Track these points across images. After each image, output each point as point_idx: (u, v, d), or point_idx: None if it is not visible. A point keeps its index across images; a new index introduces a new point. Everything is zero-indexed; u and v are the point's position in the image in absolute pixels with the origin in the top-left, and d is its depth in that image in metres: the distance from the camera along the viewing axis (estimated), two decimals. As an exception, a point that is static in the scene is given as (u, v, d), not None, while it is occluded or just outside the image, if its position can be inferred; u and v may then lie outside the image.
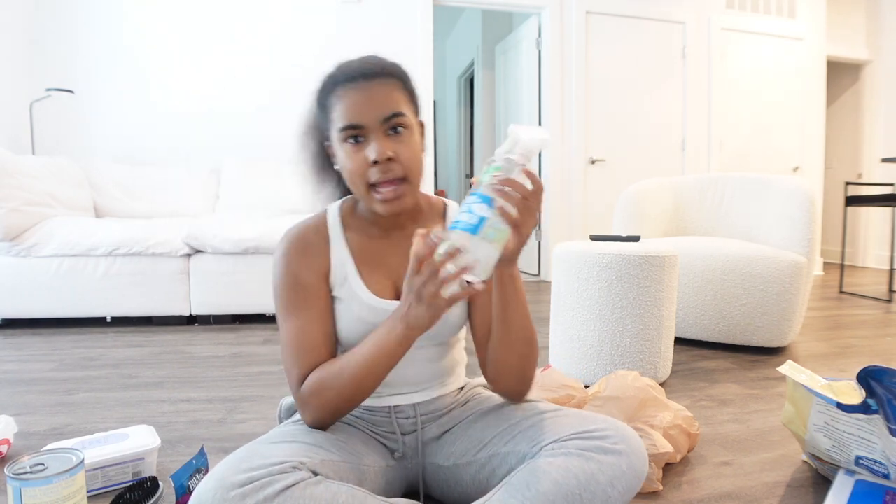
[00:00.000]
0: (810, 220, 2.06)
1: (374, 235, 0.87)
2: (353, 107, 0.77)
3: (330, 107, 0.79)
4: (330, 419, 0.79)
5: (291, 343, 0.79)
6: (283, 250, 0.83)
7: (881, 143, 4.86)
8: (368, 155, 0.76)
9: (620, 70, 4.02)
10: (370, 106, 0.76)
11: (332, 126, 0.80)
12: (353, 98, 0.77)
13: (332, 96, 0.79)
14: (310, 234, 0.85)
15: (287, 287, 0.81)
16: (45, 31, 3.22)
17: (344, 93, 0.77)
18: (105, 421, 1.36)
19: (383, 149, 0.76)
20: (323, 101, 0.81)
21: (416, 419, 0.89)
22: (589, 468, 0.70)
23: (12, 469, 0.76)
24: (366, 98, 0.77)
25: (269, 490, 0.62)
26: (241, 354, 2.02)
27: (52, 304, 2.44)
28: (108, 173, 3.06)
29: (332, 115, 0.79)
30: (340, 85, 0.78)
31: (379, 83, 0.78)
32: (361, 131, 0.77)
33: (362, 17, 3.58)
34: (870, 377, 0.87)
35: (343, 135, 0.77)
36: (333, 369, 0.76)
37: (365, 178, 0.77)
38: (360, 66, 0.79)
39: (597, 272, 1.61)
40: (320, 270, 0.83)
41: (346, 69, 0.79)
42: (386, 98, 0.77)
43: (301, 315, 0.80)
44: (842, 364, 1.90)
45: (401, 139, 0.78)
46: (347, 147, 0.78)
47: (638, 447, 0.75)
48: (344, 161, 0.79)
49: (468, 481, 0.84)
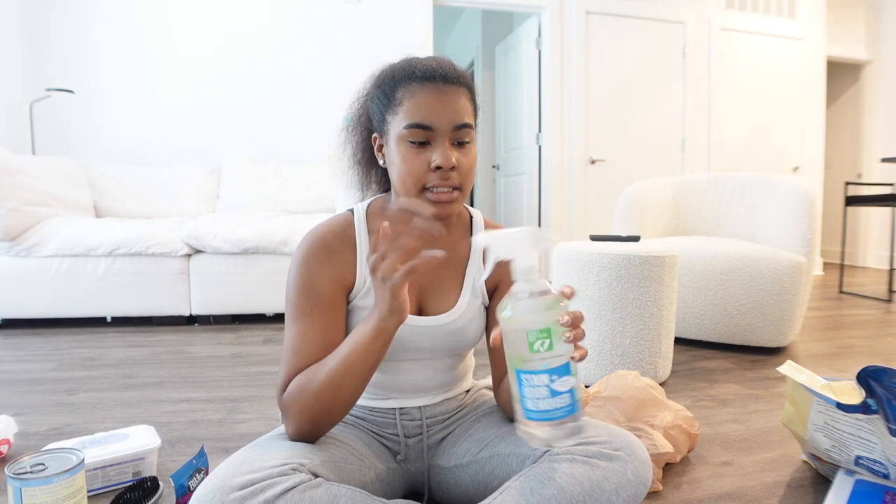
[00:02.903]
0: (810, 219, 2.06)
1: None
2: (426, 107, 0.73)
3: (397, 99, 0.75)
4: (310, 429, 0.73)
5: (290, 347, 0.76)
6: (302, 253, 0.79)
7: (881, 143, 4.86)
8: (433, 160, 0.73)
9: (620, 70, 4.02)
10: (445, 110, 0.73)
11: (393, 119, 0.76)
12: (428, 98, 0.73)
13: (403, 90, 0.75)
14: (334, 240, 0.80)
15: (300, 292, 0.77)
16: (45, 31, 3.22)
17: (419, 89, 0.74)
18: (105, 421, 1.36)
19: (449, 157, 0.73)
20: (389, 91, 0.76)
21: (422, 422, 0.89)
22: (594, 475, 0.69)
23: (12, 469, 0.76)
24: (441, 101, 0.74)
25: (268, 493, 0.62)
26: (241, 354, 2.02)
27: (52, 304, 2.44)
28: (108, 173, 3.06)
29: (398, 108, 0.75)
30: (416, 81, 0.74)
31: (455, 89, 0.75)
32: (429, 134, 0.74)
33: (362, 17, 3.58)
34: (869, 377, 0.87)
35: (408, 133, 0.74)
36: (312, 372, 0.72)
37: (421, 181, 0.74)
38: (438, 67, 0.76)
39: (597, 272, 1.61)
40: (340, 281, 0.79)
41: (421, 66, 0.75)
42: (460, 106, 0.75)
43: (308, 322, 0.76)
44: (842, 364, 1.90)
45: (464, 150, 0.76)
46: (408, 146, 0.74)
47: (642, 454, 0.74)
48: (399, 159, 0.75)
49: (468, 482, 0.84)
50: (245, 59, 3.45)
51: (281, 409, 0.74)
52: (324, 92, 3.51)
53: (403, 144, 0.75)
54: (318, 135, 3.48)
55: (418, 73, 0.74)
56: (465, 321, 0.84)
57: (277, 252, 2.57)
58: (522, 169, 4.23)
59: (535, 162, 4.05)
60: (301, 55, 3.51)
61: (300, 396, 0.71)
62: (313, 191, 3.21)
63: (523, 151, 4.20)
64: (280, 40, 3.49)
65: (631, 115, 4.06)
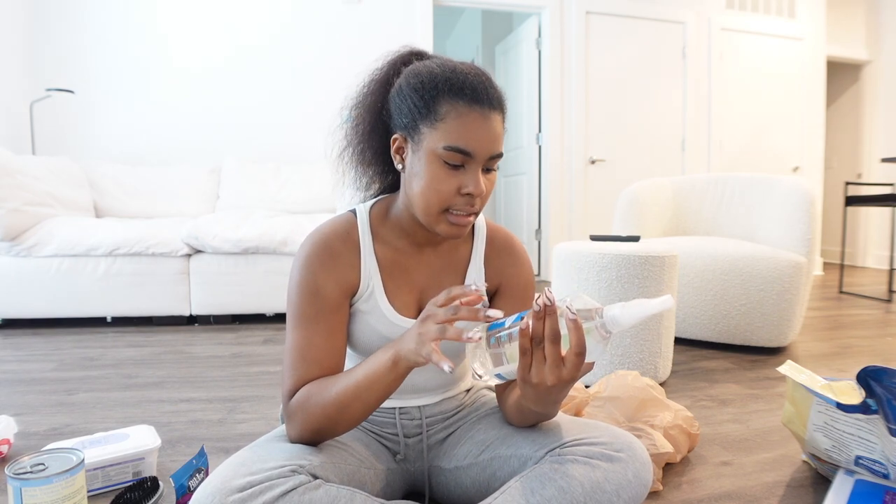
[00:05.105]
0: (810, 219, 2.06)
1: (403, 249, 0.83)
2: (471, 132, 0.70)
3: (439, 113, 0.71)
4: (312, 438, 0.73)
5: (295, 352, 0.74)
6: (305, 255, 0.77)
7: (881, 143, 4.86)
8: (465, 184, 0.72)
9: (620, 70, 4.02)
10: (486, 139, 0.71)
11: (429, 132, 0.72)
12: (475, 122, 0.70)
13: (448, 104, 0.71)
14: (338, 242, 0.79)
15: (304, 296, 0.75)
16: (45, 31, 3.22)
17: (466, 110, 0.70)
18: (105, 421, 1.36)
19: (481, 186, 0.72)
20: (430, 100, 0.72)
21: (422, 421, 0.89)
22: (595, 476, 0.69)
23: (12, 469, 0.76)
24: (485, 129, 0.71)
25: (267, 495, 0.62)
26: (241, 354, 2.02)
27: (52, 304, 2.44)
28: (108, 173, 3.06)
29: (438, 123, 0.71)
30: (464, 100, 0.71)
31: (496, 116, 0.73)
32: (466, 160, 0.71)
33: (362, 17, 3.58)
34: (869, 377, 0.87)
35: (446, 154, 0.71)
36: (324, 384, 0.71)
37: (445, 202, 0.73)
38: (484, 88, 0.72)
39: (597, 272, 1.61)
40: (344, 284, 0.78)
41: (469, 83, 0.71)
42: (499, 136, 0.73)
43: (312, 327, 0.75)
44: (842, 364, 1.90)
45: (490, 178, 0.75)
46: (440, 165, 0.71)
47: (642, 455, 0.74)
48: (428, 176, 0.72)
49: (469, 484, 0.84)
50: (245, 58, 3.45)
51: (285, 414, 0.74)
52: (324, 92, 3.51)
53: (437, 163, 0.72)
54: (318, 135, 3.48)
55: (467, 92, 0.71)
56: (464, 323, 0.84)
57: (277, 252, 2.57)
58: (522, 169, 4.23)
59: (535, 162, 4.05)
60: (301, 55, 3.51)
61: (307, 407, 0.71)
62: (313, 191, 3.21)
63: (523, 151, 4.20)
64: (280, 40, 3.49)
65: (631, 115, 4.06)
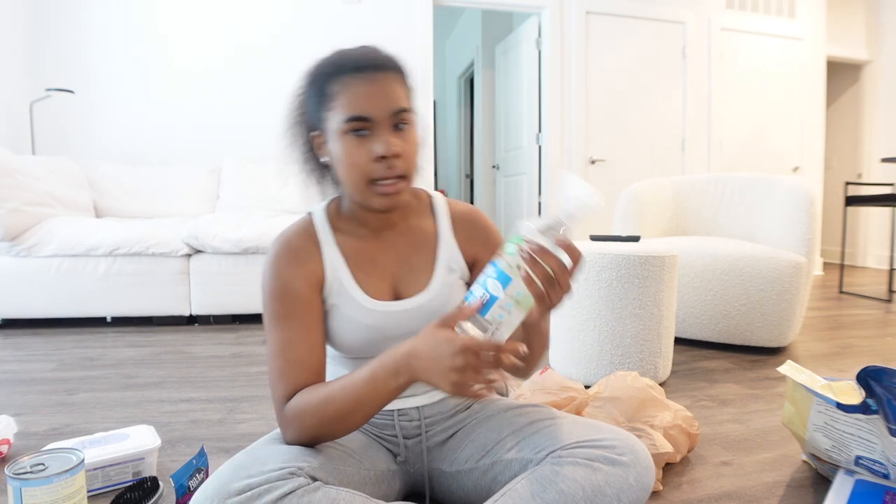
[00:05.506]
0: (810, 219, 2.06)
1: (365, 236, 0.84)
2: (362, 97, 0.72)
3: (331, 94, 0.74)
4: (309, 444, 0.73)
5: (278, 356, 0.75)
6: (270, 259, 0.79)
7: (881, 143, 4.86)
8: (375, 149, 0.72)
9: (620, 70, 4.02)
10: (380, 98, 0.73)
11: (330, 115, 0.75)
12: (362, 88, 0.72)
13: (336, 83, 0.74)
14: (299, 240, 0.81)
15: (275, 296, 0.77)
16: (45, 31, 3.21)
17: (351, 81, 0.73)
18: (105, 421, 1.36)
19: (391, 144, 0.73)
20: (322, 86, 0.75)
21: (421, 422, 0.88)
22: (596, 479, 0.69)
23: (12, 469, 0.76)
24: (376, 90, 0.73)
25: (266, 498, 0.62)
26: (241, 354, 2.02)
27: (52, 304, 2.44)
28: (108, 173, 3.06)
29: (333, 103, 0.74)
30: (347, 73, 0.73)
31: (387, 75, 0.74)
32: (368, 124, 0.73)
33: (362, 17, 3.58)
34: (869, 377, 0.87)
35: (347, 126, 0.73)
36: (320, 396, 0.71)
37: (367, 173, 0.74)
38: (368, 55, 0.75)
39: (597, 272, 1.61)
40: (311, 277, 0.79)
41: (351, 57, 0.75)
42: (395, 92, 0.74)
43: (289, 326, 0.76)
44: (842, 364, 1.90)
45: (405, 135, 0.75)
46: (349, 139, 0.73)
47: (645, 459, 0.74)
48: (342, 154, 0.74)
49: (470, 487, 0.84)
50: (245, 58, 3.45)
51: (280, 421, 0.74)
52: (324, 92, 3.51)
53: (343, 138, 0.74)
54: (318, 135, 3.48)
55: (349, 65, 0.73)
56: (444, 298, 0.84)
57: (277, 252, 2.57)
58: (522, 169, 4.23)
59: (535, 162, 4.04)
60: (301, 55, 3.49)
61: (303, 417, 0.71)
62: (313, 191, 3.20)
63: (523, 151, 4.20)
64: (280, 40, 3.48)
65: (631, 115, 4.06)
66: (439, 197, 0.92)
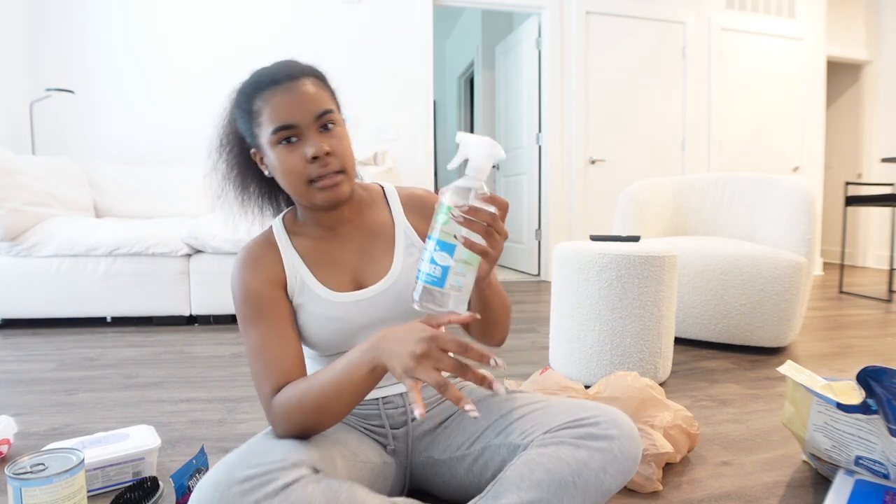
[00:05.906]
0: (810, 219, 2.06)
1: (321, 236, 0.87)
2: (283, 108, 0.76)
3: (256, 112, 0.78)
4: (300, 437, 0.75)
5: (257, 357, 0.77)
6: (235, 268, 0.83)
7: (881, 143, 4.86)
8: (306, 152, 0.76)
9: (620, 70, 4.02)
10: (301, 104, 0.76)
11: (260, 131, 0.79)
12: (282, 99, 0.76)
13: (258, 100, 0.78)
14: (258, 248, 0.85)
15: (243, 301, 0.81)
16: (45, 31, 3.22)
17: (270, 95, 0.77)
18: (105, 421, 1.36)
19: (321, 144, 0.76)
20: (246, 106, 0.80)
21: (406, 409, 0.89)
22: (580, 455, 0.71)
23: (12, 469, 0.76)
24: (295, 98, 0.76)
25: (269, 487, 0.62)
26: (241, 354, 2.02)
27: (52, 304, 2.44)
28: (108, 173, 3.06)
29: (260, 119, 0.78)
30: (265, 88, 0.77)
31: (304, 82, 0.78)
32: (295, 131, 0.77)
33: (362, 17, 3.58)
34: (869, 377, 0.87)
35: (276, 137, 0.77)
36: (302, 389, 0.73)
37: (304, 175, 0.77)
38: (282, 68, 0.79)
39: (597, 272, 1.61)
40: (272, 279, 0.83)
41: (267, 73, 0.79)
42: (314, 96, 0.78)
43: (260, 326, 0.79)
44: (842, 364, 1.90)
45: (333, 134, 0.79)
46: (281, 149, 0.77)
47: (629, 430, 0.75)
48: (278, 163, 0.78)
49: (462, 474, 0.85)
50: (245, 58, 3.44)
51: (269, 418, 0.75)
52: (324, 92, 3.51)
53: (276, 149, 0.78)
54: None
55: (266, 80, 0.78)
56: (407, 280, 0.86)
57: (277, 252, 2.57)
58: (522, 169, 4.23)
59: (535, 162, 4.05)
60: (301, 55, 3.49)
61: (289, 413, 0.73)
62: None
63: (523, 151, 4.20)
64: (280, 40, 3.48)
65: (631, 115, 4.06)
66: (390, 186, 0.95)
